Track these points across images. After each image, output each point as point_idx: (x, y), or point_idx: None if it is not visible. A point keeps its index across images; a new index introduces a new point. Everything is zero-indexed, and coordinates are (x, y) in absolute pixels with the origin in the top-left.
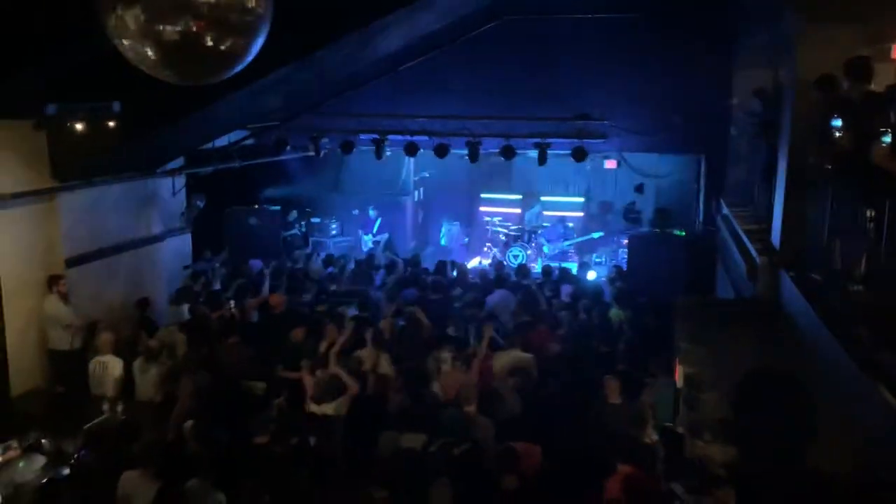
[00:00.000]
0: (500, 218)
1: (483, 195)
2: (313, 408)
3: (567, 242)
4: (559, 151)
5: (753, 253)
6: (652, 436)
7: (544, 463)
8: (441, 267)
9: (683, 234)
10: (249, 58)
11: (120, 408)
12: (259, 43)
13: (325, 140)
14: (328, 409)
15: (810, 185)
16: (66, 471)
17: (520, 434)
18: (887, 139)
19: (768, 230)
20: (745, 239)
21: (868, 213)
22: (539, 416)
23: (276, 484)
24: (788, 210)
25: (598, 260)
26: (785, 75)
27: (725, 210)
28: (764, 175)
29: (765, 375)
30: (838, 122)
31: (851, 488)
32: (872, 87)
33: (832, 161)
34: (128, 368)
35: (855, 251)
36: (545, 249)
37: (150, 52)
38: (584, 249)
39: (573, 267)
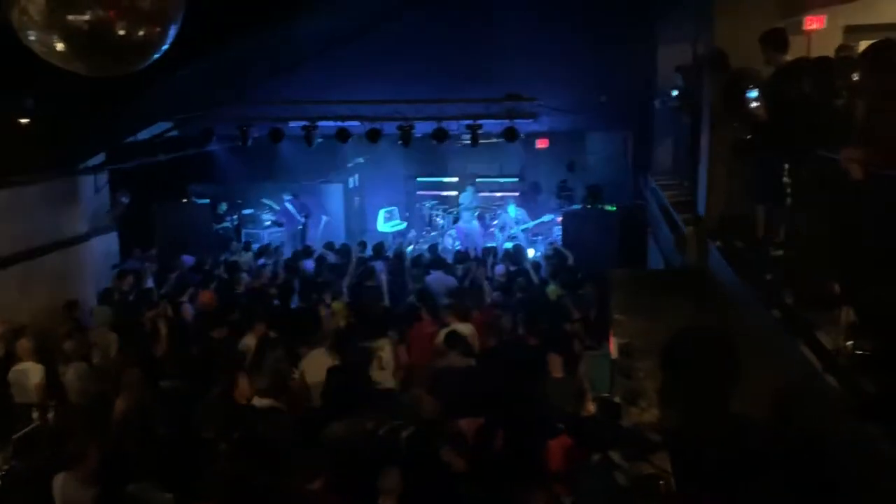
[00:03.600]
0: (436, 202)
1: (419, 179)
2: (256, 402)
3: (521, 227)
4: (491, 132)
5: (681, 224)
6: (590, 407)
7: (486, 438)
8: (378, 249)
9: (614, 209)
10: (164, 46)
11: (51, 414)
12: (174, 30)
13: (252, 129)
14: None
15: (731, 156)
16: None
17: (464, 410)
18: None
19: (694, 201)
20: (672, 211)
21: (785, 180)
22: (483, 391)
23: (227, 479)
24: (712, 180)
25: (534, 238)
26: (703, 49)
27: (653, 184)
28: (688, 148)
29: (689, 336)
30: (754, 94)
31: (773, 435)
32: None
33: (750, 131)
34: (55, 373)
35: (775, 217)
36: (497, 235)
37: (58, 45)
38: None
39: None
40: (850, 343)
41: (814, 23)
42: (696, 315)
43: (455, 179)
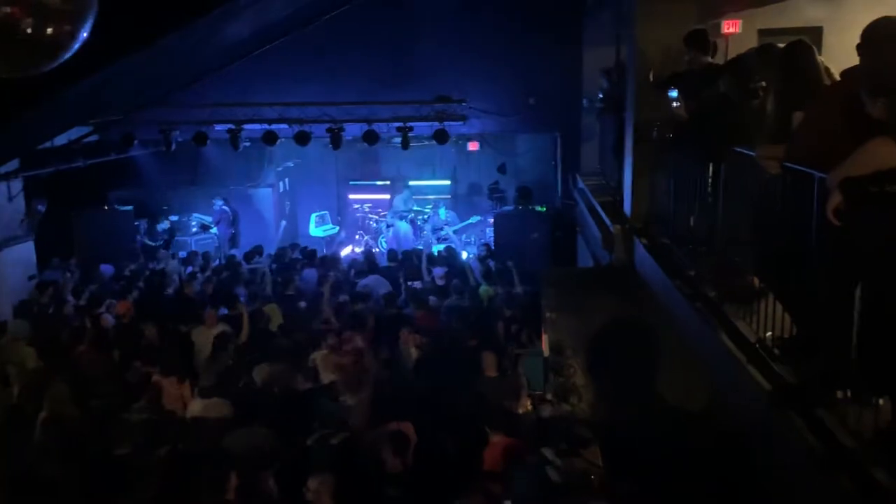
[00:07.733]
0: (369, 205)
1: (352, 182)
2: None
3: (450, 228)
4: (422, 134)
5: (608, 222)
6: (527, 405)
7: (420, 440)
8: (311, 255)
9: (545, 209)
10: (75, 46)
11: None
12: (86, 30)
13: (176, 132)
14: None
15: (654, 155)
16: None
17: (396, 413)
18: None
19: (620, 200)
20: (599, 210)
21: (707, 179)
22: (417, 394)
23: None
24: (637, 180)
25: (467, 240)
26: (627, 51)
27: (581, 184)
28: (613, 148)
29: (616, 331)
30: (675, 93)
31: (698, 427)
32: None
33: (672, 131)
34: None
35: (698, 214)
36: (430, 236)
37: None
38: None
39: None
40: (769, 334)
41: (731, 27)
42: (624, 311)
43: (387, 183)
